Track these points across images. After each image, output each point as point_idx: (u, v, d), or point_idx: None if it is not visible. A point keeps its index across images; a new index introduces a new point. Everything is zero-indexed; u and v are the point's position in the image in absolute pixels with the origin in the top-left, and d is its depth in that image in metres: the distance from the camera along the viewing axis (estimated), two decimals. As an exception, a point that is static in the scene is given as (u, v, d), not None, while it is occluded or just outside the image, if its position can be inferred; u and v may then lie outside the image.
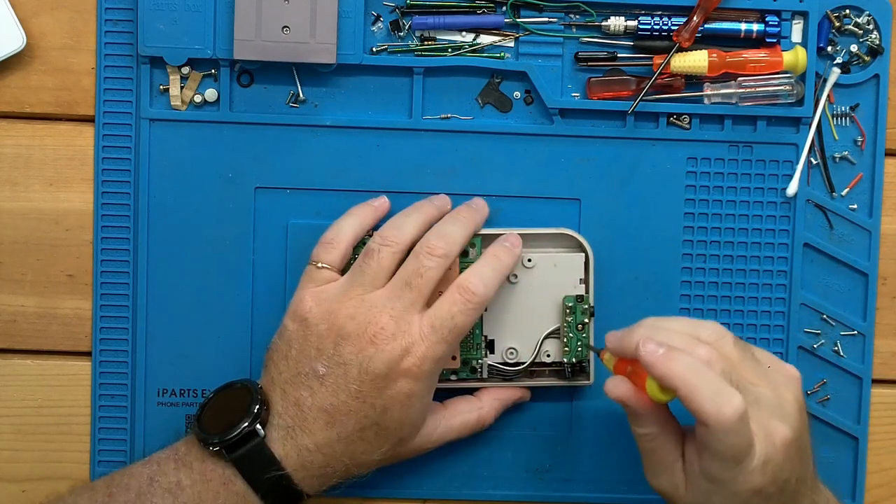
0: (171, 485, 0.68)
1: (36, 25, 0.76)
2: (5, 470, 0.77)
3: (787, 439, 0.64)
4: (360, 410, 0.68)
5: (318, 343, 0.69)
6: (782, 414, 0.65)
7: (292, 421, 0.68)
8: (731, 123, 0.77)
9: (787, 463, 0.64)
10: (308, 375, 0.68)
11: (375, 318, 0.68)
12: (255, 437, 0.68)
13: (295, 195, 0.77)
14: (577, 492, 0.79)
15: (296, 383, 0.69)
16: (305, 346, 0.69)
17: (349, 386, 0.68)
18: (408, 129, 0.77)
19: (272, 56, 0.74)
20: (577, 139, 0.77)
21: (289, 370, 0.69)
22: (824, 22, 0.77)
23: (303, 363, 0.69)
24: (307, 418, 0.68)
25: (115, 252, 0.76)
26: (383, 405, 0.68)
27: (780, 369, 0.68)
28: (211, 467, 0.68)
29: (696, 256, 0.78)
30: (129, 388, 0.77)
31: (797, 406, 0.66)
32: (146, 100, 0.76)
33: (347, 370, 0.68)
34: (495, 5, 0.76)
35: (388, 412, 0.68)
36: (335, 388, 0.68)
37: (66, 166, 0.76)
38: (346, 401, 0.68)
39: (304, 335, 0.69)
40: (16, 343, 0.77)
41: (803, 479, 0.67)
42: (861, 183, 0.78)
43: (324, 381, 0.68)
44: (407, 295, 0.68)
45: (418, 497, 0.79)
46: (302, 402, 0.68)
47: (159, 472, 0.68)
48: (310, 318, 0.69)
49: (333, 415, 0.68)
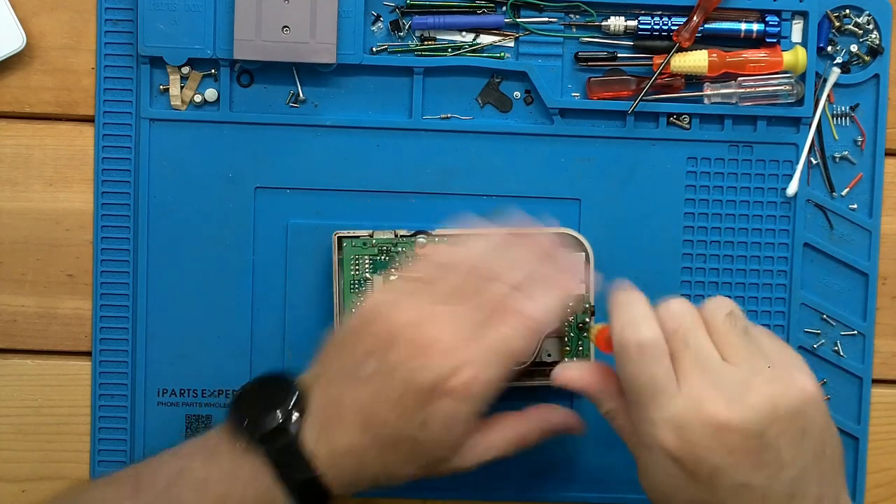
0: (199, 479, 0.65)
1: (36, 25, 0.76)
2: (5, 470, 0.77)
3: (719, 419, 0.60)
4: (398, 421, 0.64)
5: (371, 343, 0.65)
6: (738, 400, 0.61)
7: (328, 419, 0.66)
8: (731, 123, 0.77)
9: (722, 450, 0.60)
10: (353, 375, 0.65)
11: (433, 330, 0.65)
12: (288, 432, 0.65)
13: (295, 195, 0.77)
14: (577, 492, 0.79)
15: (340, 381, 0.66)
16: (358, 345, 0.66)
17: (391, 394, 0.64)
18: (408, 129, 0.77)
19: (272, 56, 0.74)
20: (577, 139, 0.77)
21: (336, 366, 0.67)
22: (824, 22, 0.77)
23: (351, 361, 0.66)
24: (344, 419, 0.65)
25: (115, 252, 0.76)
26: (423, 421, 0.64)
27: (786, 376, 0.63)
28: (241, 463, 0.66)
29: (696, 256, 0.78)
30: (129, 388, 0.77)
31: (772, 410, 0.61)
32: (146, 100, 0.76)
33: (392, 376, 0.64)
34: (495, 5, 0.76)
35: (427, 430, 0.65)
36: (376, 393, 0.64)
37: (66, 166, 0.76)
38: (385, 406, 0.64)
39: (360, 334, 0.66)
40: (16, 343, 0.77)
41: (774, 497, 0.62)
42: (861, 183, 0.78)
43: (367, 383, 0.65)
44: (474, 316, 0.66)
45: (418, 497, 0.79)
46: (342, 401, 0.65)
47: (188, 464, 0.66)
48: (369, 316, 0.66)
49: (370, 419, 0.65)
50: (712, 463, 0.61)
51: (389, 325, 0.65)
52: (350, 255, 0.74)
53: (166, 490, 0.65)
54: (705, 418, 0.61)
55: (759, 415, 0.61)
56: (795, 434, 0.62)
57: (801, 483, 0.62)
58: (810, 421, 0.62)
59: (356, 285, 0.74)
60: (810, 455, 0.62)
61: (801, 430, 0.62)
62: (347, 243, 0.74)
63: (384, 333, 0.65)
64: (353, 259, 0.74)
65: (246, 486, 0.65)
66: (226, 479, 0.65)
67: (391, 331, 0.65)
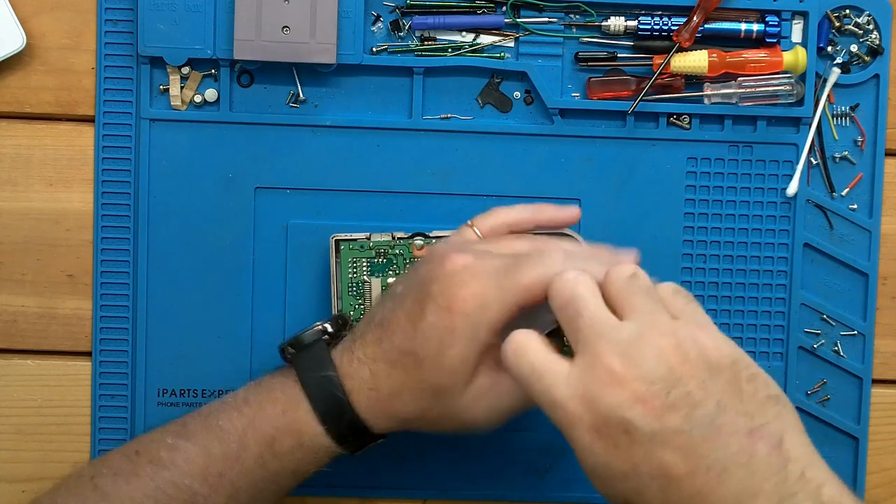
0: (238, 402, 0.69)
1: (36, 25, 0.76)
2: (5, 470, 0.77)
3: (615, 371, 0.58)
4: (404, 331, 0.66)
5: (413, 270, 0.69)
6: (632, 352, 0.59)
7: (357, 335, 0.68)
8: (731, 123, 0.77)
9: (627, 401, 0.58)
10: (390, 295, 0.68)
11: (460, 254, 0.66)
12: (320, 340, 0.69)
13: (295, 195, 0.77)
14: (577, 492, 0.79)
15: (380, 304, 0.69)
16: (410, 274, 0.69)
17: (406, 303, 0.66)
18: (408, 129, 0.77)
19: (272, 56, 0.74)
20: (577, 139, 0.77)
21: (385, 295, 0.70)
22: (824, 22, 0.77)
23: (396, 286, 0.69)
24: (368, 332, 0.68)
25: (115, 252, 0.76)
26: (423, 331, 0.65)
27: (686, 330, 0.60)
28: (277, 378, 0.69)
29: (696, 256, 0.78)
30: (129, 388, 0.77)
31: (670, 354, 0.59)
32: (146, 100, 0.76)
33: (412, 287, 0.67)
34: (495, 5, 0.76)
35: (427, 342, 0.65)
36: (397, 304, 0.67)
37: (66, 166, 0.76)
38: (398, 317, 0.66)
39: (416, 267, 0.69)
40: (16, 343, 0.77)
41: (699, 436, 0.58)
42: (861, 183, 0.78)
43: (395, 298, 0.67)
44: (509, 263, 0.65)
45: (418, 497, 0.79)
46: (372, 318, 0.68)
47: (231, 395, 0.69)
48: (426, 256, 0.69)
49: (385, 329, 0.67)
50: (621, 416, 0.58)
51: (430, 253, 0.68)
52: (348, 259, 0.74)
53: (206, 419, 0.68)
54: (602, 376, 0.58)
55: (655, 361, 0.58)
56: (704, 370, 0.58)
57: (725, 416, 0.58)
58: (714, 363, 0.59)
59: (354, 288, 0.74)
60: (727, 388, 0.59)
61: (709, 366, 0.59)
62: (345, 246, 0.74)
63: (428, 259, 0.68)
64: (350, 262, 0.74)
65: (276, 397, 0.68)
66: (261, 396, 0.68)
67: (429, 257, 0.68)
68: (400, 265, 0.74)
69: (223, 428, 0.67)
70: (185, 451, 0.67)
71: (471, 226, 0.70)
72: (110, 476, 0.67)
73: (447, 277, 0.65)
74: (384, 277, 0.74)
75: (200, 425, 0.68)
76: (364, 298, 0.74)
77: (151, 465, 0.67)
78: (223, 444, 0.67)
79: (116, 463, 0.68)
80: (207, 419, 0.68)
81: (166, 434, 0.68)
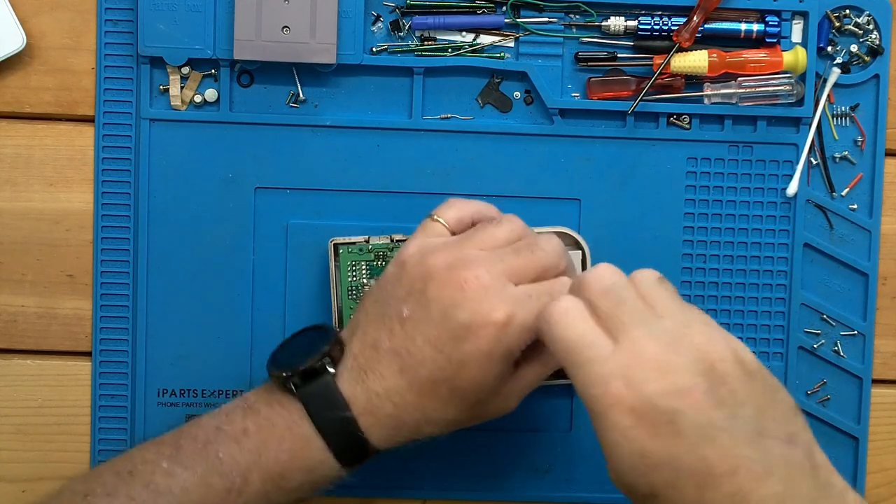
0: (237, 433, 0.65)
1: (36, 25, 0.76)
2: (5, 470, 0.77)
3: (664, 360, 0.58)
4: (435, 361, 0.64)
5: (408, 285, 0.65)
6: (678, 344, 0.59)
7: (366, 363, 0.65)
8: (731, 123, 0.77)
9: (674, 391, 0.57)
10: (391, 317, 0.65)
11: (470, 270, 0.64)
12: (324, 377, 0.65)
13: (295, 195, 0.77)
14: (577, 492, 0.79)
15: (378, 325, 0.66)
16: (396, 288, 0.66)
17: (428, 331, 0.64)
18: (408, 129, 0.77)
19: (272, 56, 0.74)
20: (577, 139, 0.77)
21: (375, 311, 0.66)
22: (824, 22, 0.77)
23: (390, 305, 0.65)
24: (381, 361, 0.65)
25: (115, 252, 0.76)
26: (460, 360, 0.63)
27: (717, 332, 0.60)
28: (277, 411, 0.65)
29: (696, 256, 0.78)
30: (129, 388, 0.77)
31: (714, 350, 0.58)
32: (146, 100, 0.76)
33: (430, 313, 0.64)
34: (495, 5, 0.76)
35: (465, 370, 0.64)
36: (413, 332, 0.64)
37: (66, 166, 0.76)
38: (421, 347, 0.64)
39: (398, 277, 0.66)
40: (16, 343, 0.77)
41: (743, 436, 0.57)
42: (861, 183, 0.78)
43: (405, 324, 0.64)
44: (511, 259, 0.65)
45: (418, 497, 0.79)
46: (379, 345, 0.65)
47: (227, 422, 0.66)
48: (408, 262, 0.66)
49: (407, 360, 0.64)
50: (668, 404, 0.57)
51: (426, 268, 0.65)
52: (347, 262, 0.74)
53: (204, 448, 0.65)
54: (650, 362, 0.57)
55: (702, 354, 0.58)
56: (742, 373, 0.58)
57: (764, 420, 0.58)
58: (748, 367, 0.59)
59: (354, 292, 0.74)
60: (764, 394, 0.59)
61: (746, 371, 0.59)
62: (344, 250, 0.74)
63: (420, 275, 0.65)
64: (349, 266, 0.74)
65: (282, 435, 0.65)
66: (262, 430, 0.65)
67: (428, 272, 0.65)
68: None
69: (223, 461, 0.65)
70: (182, 480, 0.64)
71: (436, 219, 0.69)
72: (104, 497, 0.64)
73: (473, 302, 0.63)
74: None
75: (197, 453, 0.65)
76: (364, 299, 0.74)
77: (146, 490, 0.64)
78: (224, 478, 0.64)
79: (110, 482, 0.65)
80: (206, 447, 0.65)
81: (161, 455, 0.66)
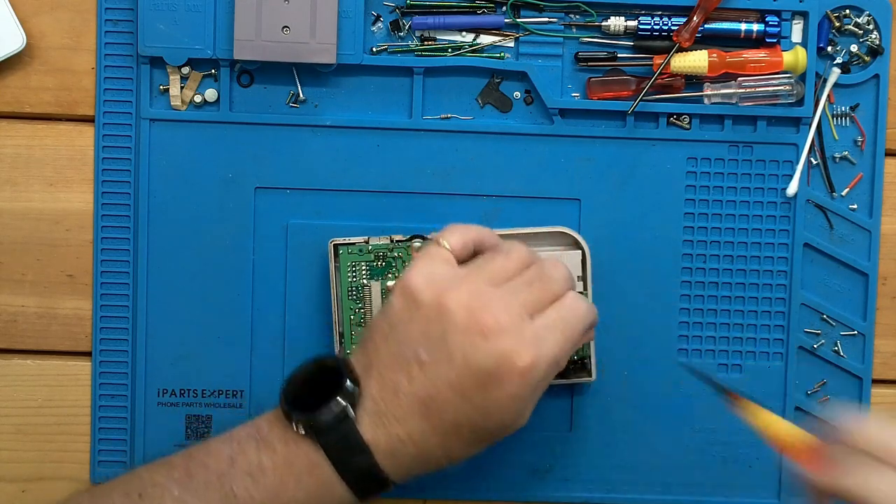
0: (252, 467, 0.64)
1: (36, 25, 0.76)
2: (5, 470, 0.77)
3: None
4: (460, 406, 0.63)
5: (424, 327, 0.63)
6: None
7: (386, 407, 0.64)
8: (731, 123, 0.77)
9: None
10: (409, 360, 0.63)
11: (489, 311, 0.63)
12: (345, 420, 0.63)
13: (295, 195, 0.77)
14: (577, 492, 0.79)
15: (395, 367, 0.64)
16: (410, 329, 0.64)
17: (450, 376, 0.63)
18: (408, 129, 0.77)
19: (272, 56, 0.74)
20: (577, 139, 0.77)
21: (389, 352, 0.64)
22: (824, 22, 0.77)
23: (405, 346, 0.64)
24: (402, 406, 0.63)
25: (115, 252, 0.76)
26: (485, 406, 0.63)
27: None
28: (295, 451, 0.64)
29: (696, 256, 0.78)
30: (129, 388, 0.77)
31: None
32: (146, 100, 0.76)
33: (451, 358, 0.63)
34: (495, 5, 0.76)
35: (490, 415, 0.64)
36: (435, 378, 0.63)
37: (66, 166, 0.76)
38: (445, 393, 0.63)
39: (411, 316, 0.64)
40: (16, 343, 0.77)
41: None
42: (861, 183, 0.78)
43: (425, 368, 0.63)
44: (524, 294, 0.65)
45: (418, 497, 0.79)
46: (399, 389, 0.63)
47: (240, 452, 0.65)
48: (419, 299, 0.64)
49: (430, 406, 0.63)
50: None
51: (440, 308, 0.64)
52: (347, 263, 0.74)
53: (218, 479, 0.64)
54: None
55: None
56: None
57: None
58: None
59: (354, 292, 0.74)
60: None
61: None
62: (343, 250, 0.74)
63: (436, 315, 0.64)
64: (349, 266, 0.74)
65: (300, 476, 0.64)
66: (279, 469, 0.64)
67: (444, 314, 0.63)
68: (399, 268, 0.74)
69: (238, 496, 0.64)
70: None
71: (441, 243, 0.67)
72: None
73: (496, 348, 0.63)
74: (383, 281, 0.74)
75: (211, 484, 0.64)
76: (364, 302, 0.74)
77: None
78: None
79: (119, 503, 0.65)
80: (221, 479, 0.64)
81: (171, 480, 0.65)
